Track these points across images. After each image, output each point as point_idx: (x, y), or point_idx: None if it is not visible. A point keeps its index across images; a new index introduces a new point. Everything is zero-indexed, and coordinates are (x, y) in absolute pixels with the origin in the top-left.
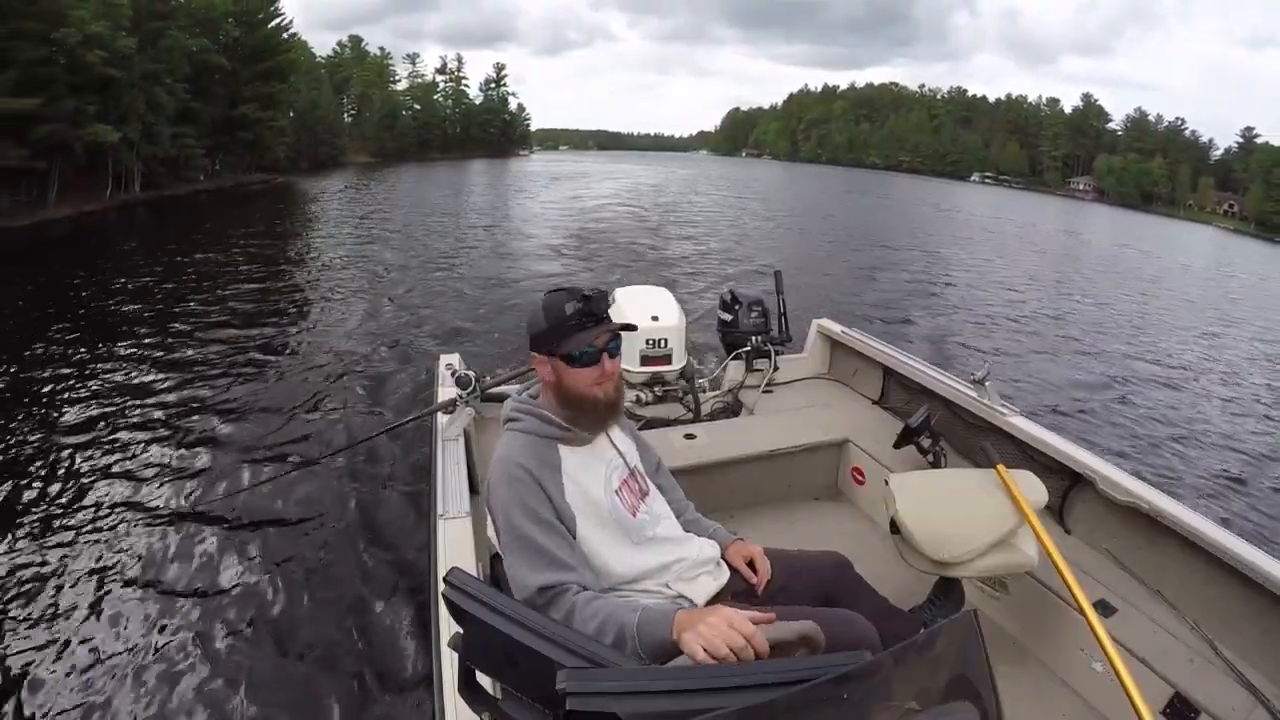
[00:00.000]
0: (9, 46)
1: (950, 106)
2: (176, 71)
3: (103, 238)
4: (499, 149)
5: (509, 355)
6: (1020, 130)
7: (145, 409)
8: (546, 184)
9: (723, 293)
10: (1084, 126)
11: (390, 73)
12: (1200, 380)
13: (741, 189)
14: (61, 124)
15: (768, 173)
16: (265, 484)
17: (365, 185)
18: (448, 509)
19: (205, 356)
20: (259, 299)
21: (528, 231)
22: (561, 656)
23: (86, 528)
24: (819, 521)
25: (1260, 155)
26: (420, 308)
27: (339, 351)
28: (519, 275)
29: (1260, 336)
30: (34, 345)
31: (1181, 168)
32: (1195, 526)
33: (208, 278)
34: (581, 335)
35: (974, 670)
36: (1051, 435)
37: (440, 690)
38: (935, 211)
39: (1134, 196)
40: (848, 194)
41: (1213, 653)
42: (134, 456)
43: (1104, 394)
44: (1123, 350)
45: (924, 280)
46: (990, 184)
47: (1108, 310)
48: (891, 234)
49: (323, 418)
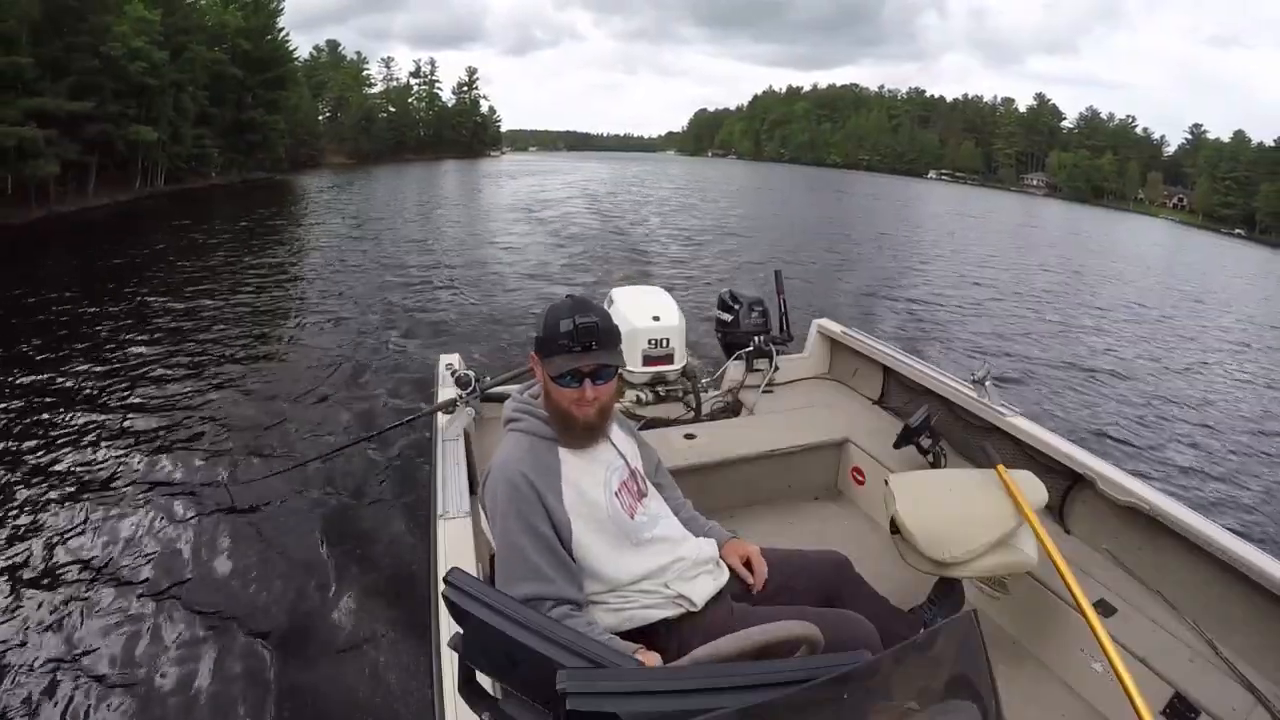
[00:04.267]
0: (67, 58)
1: (909, 106)
2: (198, 80)
3: (141, 221)
4: (471, 150)
5: (507, 351)
6: (976, 129)
7: (139, 408)
8: (513, 178)
9: (722, 293)
10: (1038, 124)
11: (366, 77)
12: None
13: (701, 185)
14: (108, 124)
15: (728, 170)
16: (264, 482)
17: (350, 184)
18: (448, 509)
19: (201, 355)
20: (265, 293)
21: (500, 216)
22: (561, 656)
23: (85, 526)
24: (819, 521)
25: (1207, 150)
26: (416, 294)
27: (338, 348)
28: (493, 258)
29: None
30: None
31: (1131, 164)
32: (1195, 526)
33: (223, 271)
34: (566, 359)
35: (974, 670)
36: (1051, 435)
37: (440, 690)
38: (901, 207)
39: (1085, 191)
40: (788, 187)
41: (1213, 653)
42: (128, 452)
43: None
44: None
45: (880, 266)
46: (946, 181)
47: (1062, 289)
48: (852, 228)
49: (321, 417)
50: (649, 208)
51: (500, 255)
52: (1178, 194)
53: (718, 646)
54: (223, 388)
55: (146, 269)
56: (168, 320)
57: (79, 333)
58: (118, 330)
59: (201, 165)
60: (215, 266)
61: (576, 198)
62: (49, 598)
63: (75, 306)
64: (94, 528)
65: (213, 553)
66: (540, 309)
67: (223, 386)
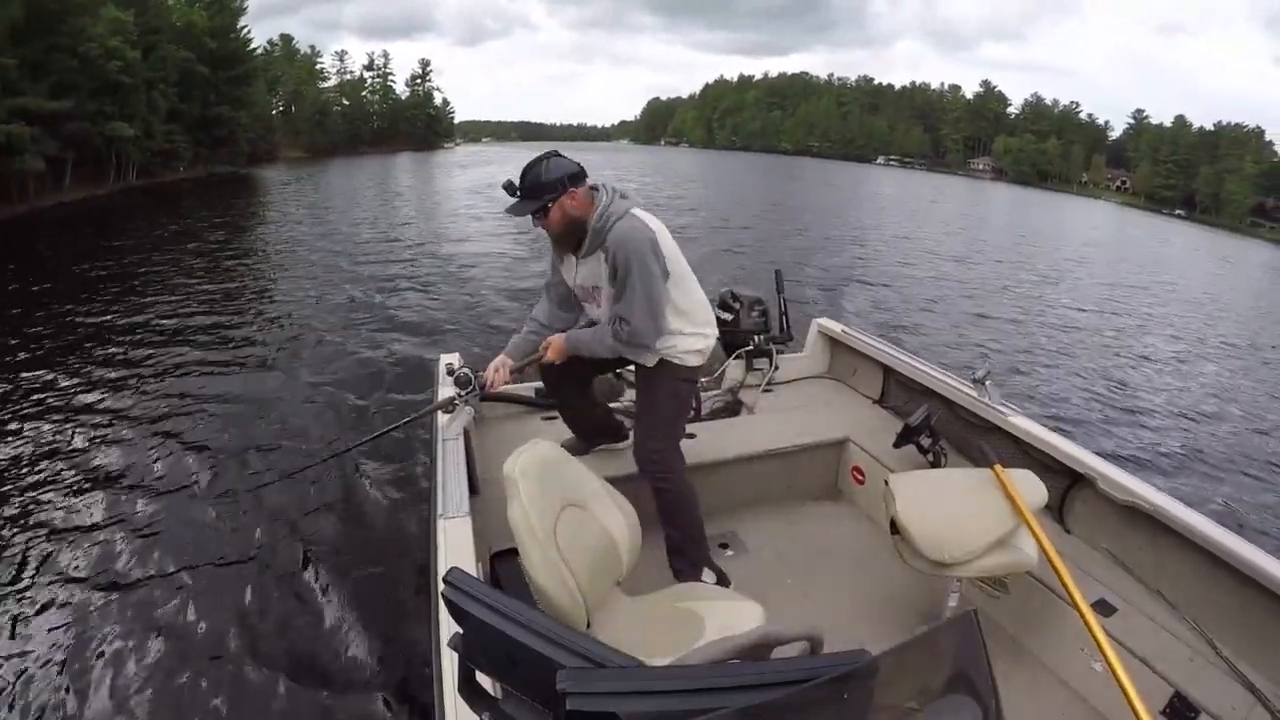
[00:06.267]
0: (47, 59)
1: (858, 94)
2: (168, 78)
3: (120, 215)
4: (426, 142)
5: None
6: (924, 115)
7: (136, 408)
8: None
9: (722, 292)
10: (984, 110)
11: (320, 71)
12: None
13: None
14: (86, 121)
15: (678, 158)
16: (264, 486)
17: (310, 176)
18: (448, 509)
19: (199, 356)
20: (252, 291)
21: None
22: (561, 656)
23: (82, 525)
24: (819, 521)
25: (1149, 135)
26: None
27: (333, 349)
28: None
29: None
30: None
31: (1076, 148)
32: (1195, 526)
33: (210, 268)
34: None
35: (974, 670)
36: (1051, 435)
37: (440, 690)
38: (848, 191)
39: (1030, 174)
40: (743, 174)
41: (1213, 652)
42: (129, 453)
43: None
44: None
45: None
46: (895, 166)
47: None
48: (804, 208)
49: (320, 417)
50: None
51: (465, 249)
52: (1120, 177)
53: (716, 647)
54: (219, 388)
55: (135, 265)
56: (161, 321)
57: (81, 332)
58: (116, 330)
59: (171, 160)
60: (198, 263)
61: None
62: (36, 609)
63: (76, 304)
64: (95, 529)
65: (209, 555)
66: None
67: (219, 387)
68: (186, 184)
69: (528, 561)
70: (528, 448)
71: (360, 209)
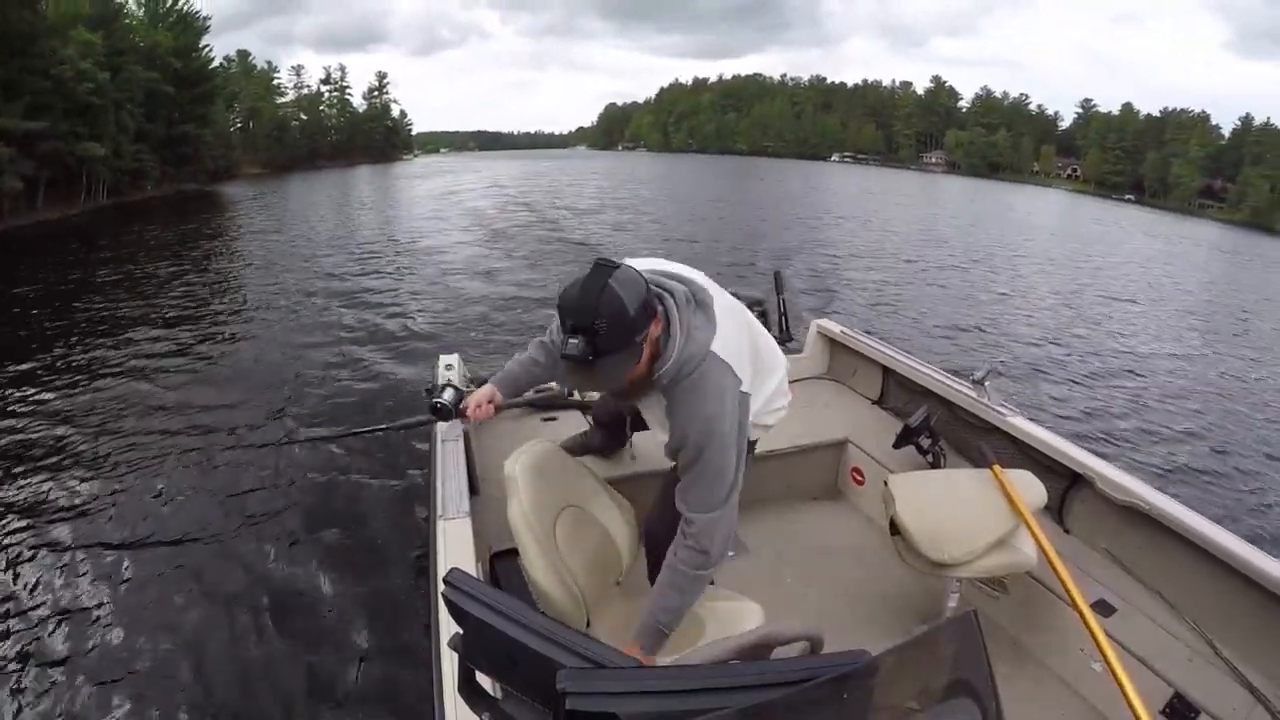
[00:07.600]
0: (20, 80)
1: (811, 94)
2: (135, 98)
3: (89, 233)
4: (384, 155)
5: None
6: (877, 113)
7: (134, 409)
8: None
9: None
10: (935, 105)
11: (277, 86)
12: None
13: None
14: (59, 141)
15: (636, 163)
16: (263, 489)
17: (273, 191)
18: (447, 509)
19: (194, 352)
20: (235, 303)
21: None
22: (561, 656)
23: (80, 521)
24: (819, 522)
25: (1097, 122)
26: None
27: (327, 351)
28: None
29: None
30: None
31: (1025, 139)
32: (1195, 526)
33: (183, 271)
34: None
35: (974, 670)
36: (1050, 435)
37: (440, 690)
38: (801, 189)
39: (982, 167)
40: (700, 175)
41: (1212, 653)
42: (123, 450)
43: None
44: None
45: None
46: (849, 162)
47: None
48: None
49: (319, 417)
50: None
51: (444, 255)
52: (1070, 165)
53: (716, 647)
54: (213, 390)
55: (119, 282)
56: (158, 331)
57: (76, 344)
58: (117, 345)
59: (139, 179)
60: (181, 279)
61: (489, 191)
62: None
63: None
64: (95, 528)
65: (208, 554)
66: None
67: (213, 390)
68: (155, 201)
69: (527, 561)
70: (527, 448)
71: (322, 221)
